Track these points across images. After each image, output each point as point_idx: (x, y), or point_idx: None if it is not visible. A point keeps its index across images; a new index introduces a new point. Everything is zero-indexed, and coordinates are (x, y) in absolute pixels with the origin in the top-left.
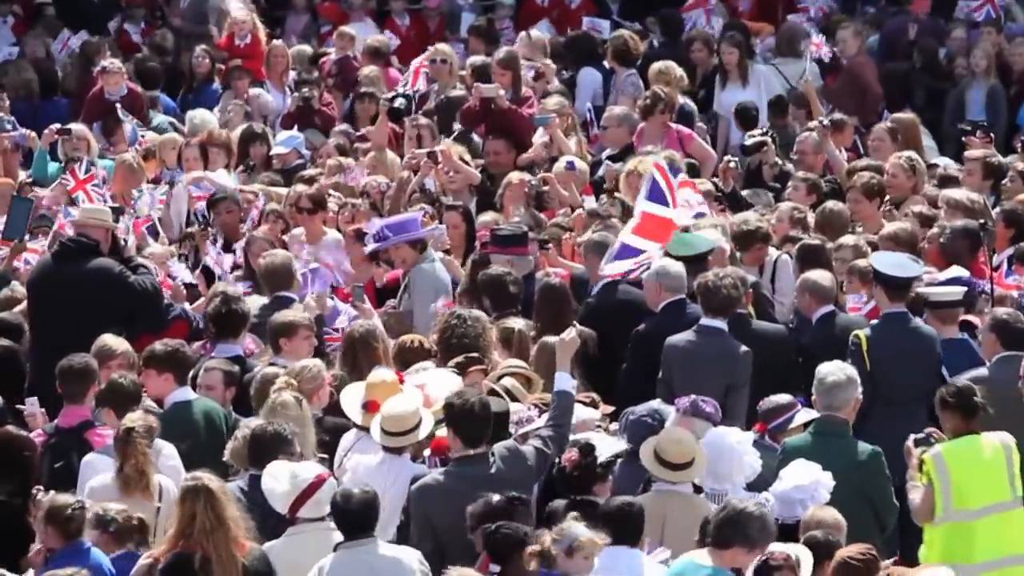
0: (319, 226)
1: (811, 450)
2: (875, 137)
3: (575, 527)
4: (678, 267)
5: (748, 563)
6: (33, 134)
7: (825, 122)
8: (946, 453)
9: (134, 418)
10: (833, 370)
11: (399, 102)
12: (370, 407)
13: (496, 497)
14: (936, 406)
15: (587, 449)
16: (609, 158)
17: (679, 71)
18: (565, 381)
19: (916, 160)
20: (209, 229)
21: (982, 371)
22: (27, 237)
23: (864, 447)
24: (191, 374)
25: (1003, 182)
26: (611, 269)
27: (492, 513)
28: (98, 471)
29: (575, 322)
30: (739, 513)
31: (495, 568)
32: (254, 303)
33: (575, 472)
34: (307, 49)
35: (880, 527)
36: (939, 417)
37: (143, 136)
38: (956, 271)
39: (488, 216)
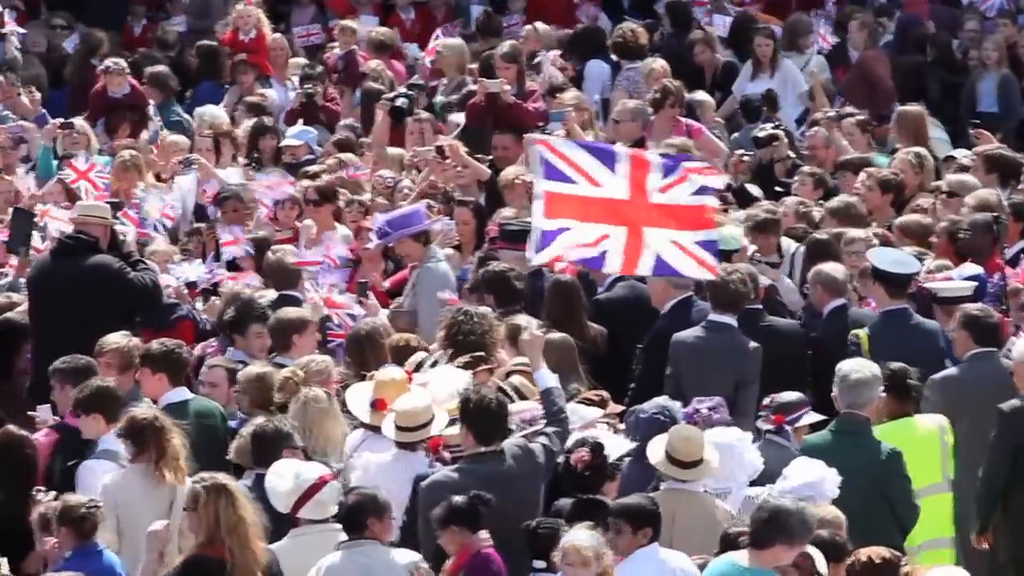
0: (328, 219)
1: (831, 448)
2: (846, 132)
3: (570, 533)
4: None
5: (789, 559)
6: (31, 125)
7: (831, 113)
8: (878, 435)
9: (145, 411)
10: (857, 367)
11: (401, 101)
12: (378, 405)
13: (458, 498)
14: None
15: (598, 448)
16: None
17: (663, 68)
18: (545, 379)
19: (924, 156)
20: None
21: (952, 371)
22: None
23: (885, 446)
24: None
25: (1018, 185)
26: (540, 259)
27: (456, 513)
28: (97, 476)
29: (586, 320)
30: (778, 511)
31: (540, 564)
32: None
33: (586, 471)
34: (301, 61)
35: (900, 527)
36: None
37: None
38: (972, 268)
39: (508, 211)
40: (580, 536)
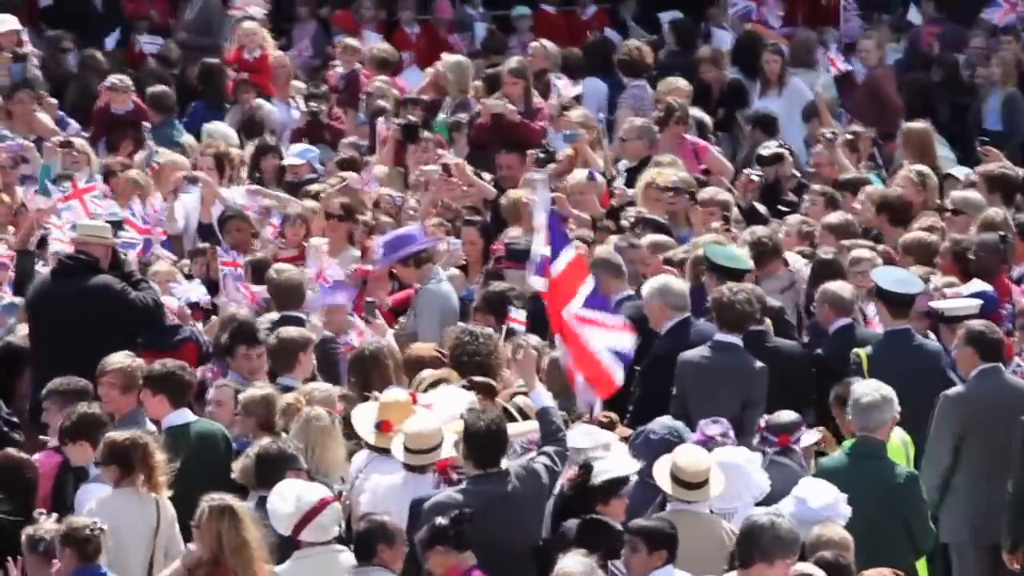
0: (343, 237)
1: (847, 471)
2: (838, 147)
3: (562, 560)
4: (680, 284)
5: None
6: (32, 144)
7: (828, 134)
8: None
9: (123, 432)
10: (868, 390)
11: (412, 120)
12: (382, 427)
13: (441, 519)
14: (832, 405)
15: (586, 468)
16: (627, 171)
17: (686, 87)
18: (541, 398)
19: (927, 174)
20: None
21: (962, 388)
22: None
23: (901, 469)
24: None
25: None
26: (538, 284)
27: (440, 534)
28: (94, 499)
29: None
30: (751, 527)
31: None
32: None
33: (569, 492)
34: (301, 85)
35: (915, 549)
36: (835, 417)
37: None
38: (979, 285)
39: (515, 231)
40: (571, 563)
